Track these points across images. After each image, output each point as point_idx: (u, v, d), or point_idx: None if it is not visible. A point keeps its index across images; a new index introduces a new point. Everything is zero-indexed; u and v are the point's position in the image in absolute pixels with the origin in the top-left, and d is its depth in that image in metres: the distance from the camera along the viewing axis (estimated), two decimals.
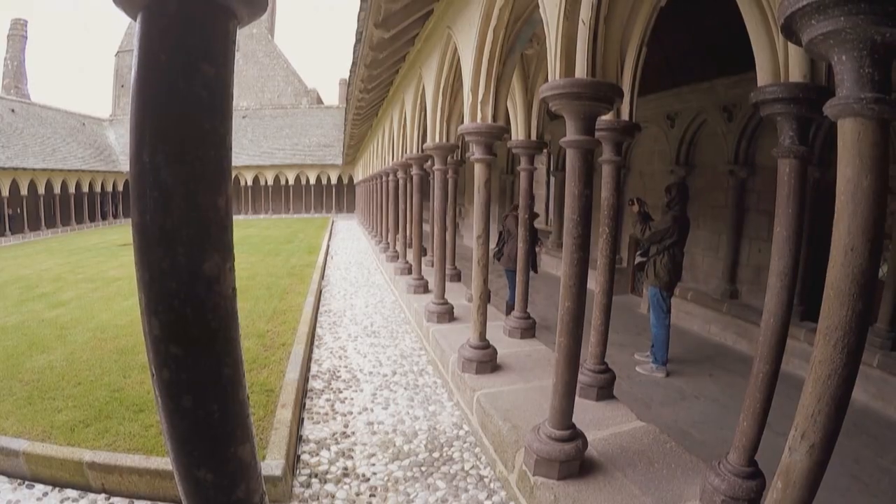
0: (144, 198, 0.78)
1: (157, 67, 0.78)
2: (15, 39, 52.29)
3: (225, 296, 0.87)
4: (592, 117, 3.63)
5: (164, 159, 0.78)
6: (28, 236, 31.66)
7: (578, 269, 3.66)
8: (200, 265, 0.82)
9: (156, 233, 0.79)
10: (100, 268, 17.09)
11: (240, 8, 0.83)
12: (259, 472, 0.98)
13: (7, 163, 30.35)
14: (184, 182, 0.79)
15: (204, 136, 0.81)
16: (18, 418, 5.59)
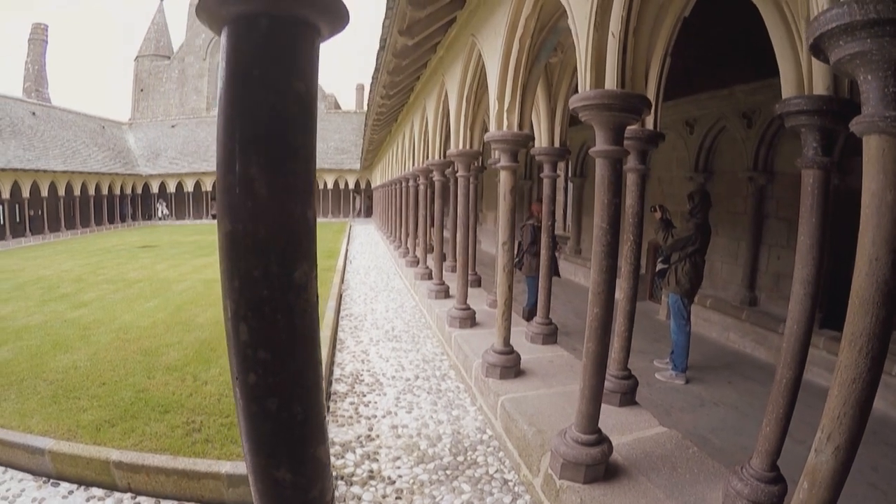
0: (238, 208, 0.81)
1: (251, 82, 0.81)
2: (36, 44, 52.80)
3: (311, 302, 0.89)
4: (621, 128, 3.69)
5: (258, 172, 0.81)
6: (48, 237, 32.01)
7: (607, 276, 3.70)
8: (291, 273, 0.85)
9: (249, 242, 0.82)
10: (120, 269, 17.24)
11: (324, 25, 0.86)
12: (331, 472, 1.02)
13: (28, 164, 30.69)
14: (277, 194, 0.82)
15: (296, 150, 0.85)
16: (43, 417, 5.65)
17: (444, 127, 9.99)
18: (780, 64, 3.33)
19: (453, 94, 7.68)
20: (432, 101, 9.96)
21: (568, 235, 15.72)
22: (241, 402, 0.88)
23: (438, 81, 9.07)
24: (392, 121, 18.14)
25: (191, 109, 53.56)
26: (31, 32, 52.70)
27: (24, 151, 31.59)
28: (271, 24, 0.80)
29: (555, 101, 6.75)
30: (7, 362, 7.55)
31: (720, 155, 10.28)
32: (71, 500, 4.53)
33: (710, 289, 10.04)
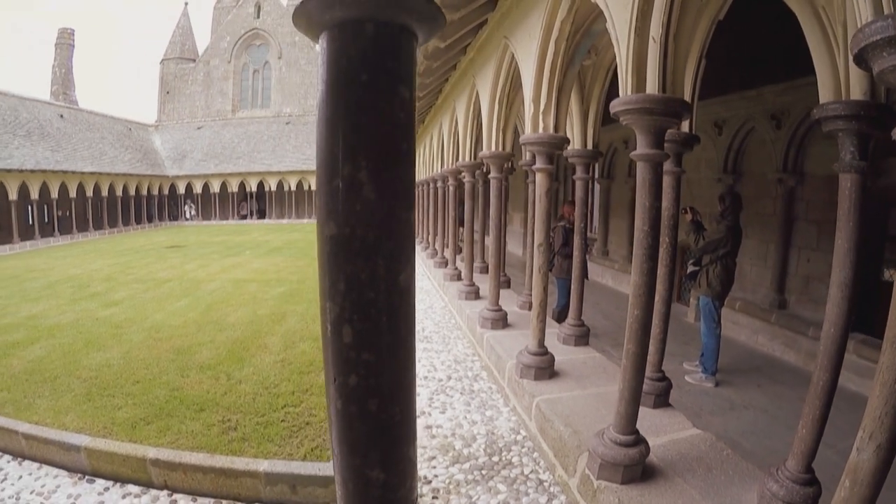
0: (345, 212, 0.82)
1: (359, 87, 0.82)
2: (62, 48, 53.53)
3: (412, 305, 0.90)
4: (662, 132, 3.70)
5: (367, 176, 0.82)
6: (76, 237, 32.43)
7: (648, 278, 3.70)
8: (397, 276, 0.86)
9: (357, 245, 0.83)
10: (149, 269, 17.44)
11: (421, 30, 0.87)
12: (417, 470, 1.03)
13: (56, 166, 31.11)
14: (386, 198, 0.83)
15: (402, 155, 0.86)
16: (78, 414, 5.74)
17: (474, 128, 9.98)
18: (817, 68, 3.34)
19: (485, 95, 7.70)
20: (462, 102, 9.99)
21: (595, 237, 15.66)
22: (339, 404, 0.89)
23: (469, 83, 9.09)
24: (419, 122, 18.17)
25: (216, 111, 53.89)
26: (57, 37, 53.47)
27: (52, 153, 32.02)
28: (378, 29, 0.81)
29: (587, 103, 6.74)
30: (40, 359, 7.68)
31: (749, 156, 10.18)
32: (107, 497, 4.58)
33: (739, 291, 9.94)
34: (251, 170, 44.48)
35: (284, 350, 7.83)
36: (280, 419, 5.46)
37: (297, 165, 44.20)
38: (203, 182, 45.30)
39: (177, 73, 55.74)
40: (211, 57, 55.13)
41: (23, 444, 5.30)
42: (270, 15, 54.12)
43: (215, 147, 47.04)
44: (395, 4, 0.81)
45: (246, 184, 45.01)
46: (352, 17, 0.81)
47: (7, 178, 27.37)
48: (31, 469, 5.10)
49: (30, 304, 12.04)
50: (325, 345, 0.90)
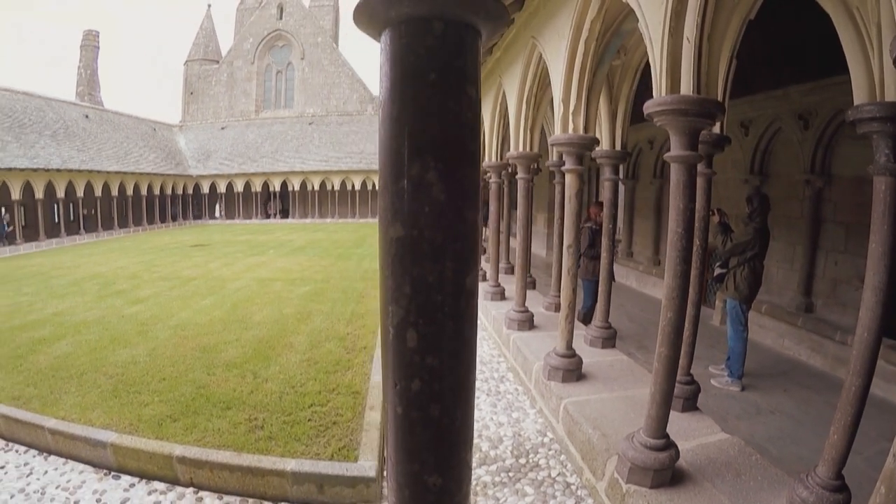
0: (413, 213, 0.81)
1: (428, 86, 0.80)
2: (88, 49, 54.13)
3: (476, 307, 0.89)
4: (697, 133, 3.66)
5: (436, 176, 0.80)
6: (101, 235, 32.77)
7: (682, 281, 3.67)
8: (464, 279, 0.85)
9: (426, 248, 0.82)
10: (174, 267, 17.54)
11: (485, 29, 0.85)
12: (472, 474, 1.03)
13: (82, 165, 31.45)
14: (454, 199, 0.82)
15: (469, 156, 0.84)
16: (104, 410, 5.79)
17: (501, 128, 9.97)
18: (851, 69, 3.29)
19: (512, 95, 7.68)
20: (489, 102, 9.97)
21: (619, 238, 15.57)
22: (400, 409, 0.88)
23: (495, 83, 9.07)
24: None
25: (240, 112, 54.23)
26: (82, 39, 54.05)
27: (77, 153, 32.36)
28: (446, 27, 0.80)
29: (616, 104, 6.70)
30: (67, 356, 7.76)
31: (776, 157, 10.06)
32: (132, 493, 4.62)
33: (766, 294, 9.82)
34: (275, 169, 44.66)
35: (310, 349, 7.83)
36: (307, 418, 5.47)
37: (320, 165, 44.34)
38: (227, 182, 45.59)
39: (200, 74, 56.17)
40: (234, 58, 55.51)
41: (49, 439, 5.37)
42: (293, 16, 54.37)
43: (239, 147, 47.32)
44: (463, 2, 0.80)
45: (269, 183, 45.21)
46: (419, 15, 0.79)
47: (34, 177, 27.69)
48: (56, 464, 5.17)
49: (56, 301, 12.16)
50: (385, 349, 0.89)
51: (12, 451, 5.50)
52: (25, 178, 27.14)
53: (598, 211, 8.77)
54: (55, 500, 4.54)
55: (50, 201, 29.92)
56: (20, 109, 30.99)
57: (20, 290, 13.96)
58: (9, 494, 4.64)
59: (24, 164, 26.95)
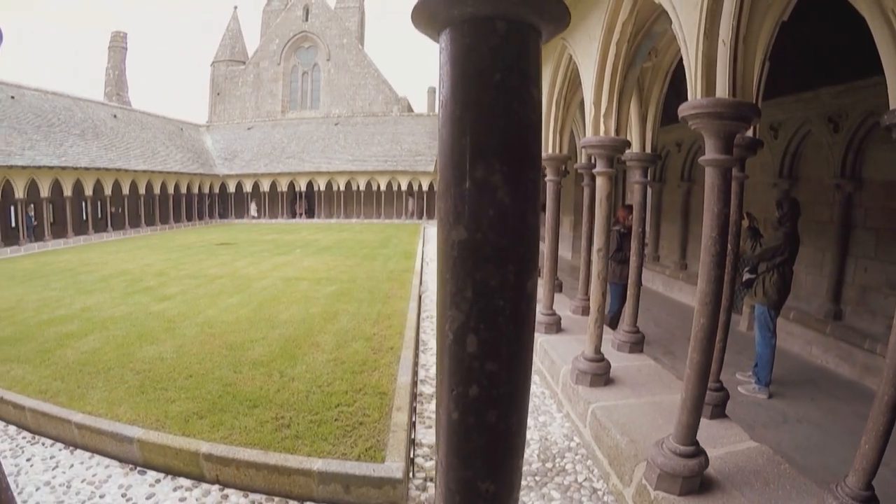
0: (476, 216, 0.80)
1: (492, 87, 0.79)
2: (116, 51, 54.91)
3: (535, 312, 0.87)
4: (732, 136, 3.62)
5: (501, 179, 0.79)
6: (128, 232, 33.16)
7: (715, 286, 3.63)
8: (525, 283, 0.83)
9: (489, 251, 0.80)
10: (201, 265, 17.66)
11: (547, 29, 0.84)
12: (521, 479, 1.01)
13: (110, 164, 31.80)
14: (518, 202, 0.80)
15: (532, 158, 0.83)
16: (131, 406, 5.85)
17: None
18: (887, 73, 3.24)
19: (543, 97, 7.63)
20: None
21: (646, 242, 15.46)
22: (456, 415, 0.87)
23: None
24: None
25: (266, 112, 54.63)
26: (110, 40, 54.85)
27: (106, 151, 32.75)
28: (509, 27, 0.79)
29: (646, 106, 6.65)
30: (94, 351, 7.85)
31: (805, 160, 9.93)
32: (157, 489, 4.67)
33: (794, 300, 9.69)
34: (301, 170, 44.84)
35: (337, 349, 7.83)
36: (333, 418, 5.47)
37: (346, 166, 44.45)
38: (253, 181, 45.88)
39: (227, 75, 56.68)
40: (260, 59, 55.94)
41: (75, 433, 5.44)
42: (319, 18, 54.64)
43: (265, 147, 47.61)
44: (526, 2, 0.79)
45: (295, 183, 45.40)
46: (483, 14, 0.78)
47: (62, 174, 28.04)
48: (82, 458, 5.24)
49: (84, 297, 12.32)
50: (442, 353, 0.87)
51: (39, 444, 5.58)
52: (54, 175, 27.50)
53: (627, 214, 8.71)
54: (80, 494, 4.59)
55: (78, 199, 30.34)
56: (49, 109, 31.41)
57: (48, 285, 14.17)
58: (34, 487, 4.70)
59: (53, 162, 27.29)
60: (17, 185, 25.13)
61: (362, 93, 53.75)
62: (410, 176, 43.80)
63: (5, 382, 6.63)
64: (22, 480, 4.80)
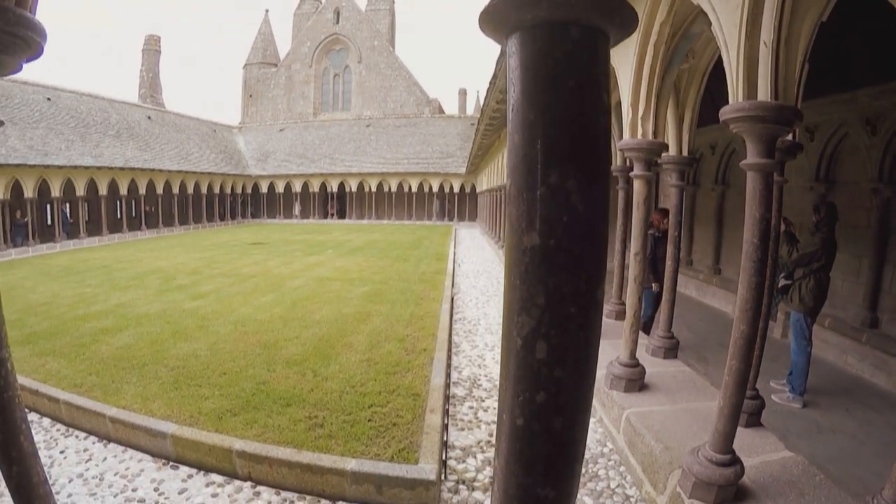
0: (550, 222, 0.79)
1: (565, 93, 0.79)
2: (149, 53, 55.81)
3: (601, 319, 0.87)
4: (773, 140, 3.57)
5: (575, 185, 0.79)
6: (162, 231, 33.76)
7: (756, 293, 3.57)
8: (596, 290, 0.83)
9: (563, 258, 0.80)
10: (234, 264, 17.86)
11: (615, 35, 0.84)
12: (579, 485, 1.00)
13: (144, 164, 32.37)
14: (591, 209, 0.80)
15: (604, 165, 0.83)
16: (165, 401, 5.93)
17: None
18: None
19: None
20: None
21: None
22: (521, 421, 0.86)
23: None
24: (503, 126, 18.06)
25: (298, 114, 55.17)
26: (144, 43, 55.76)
27: (140, 152, 33.33)
28: (582, 32, 0.78)
29: (682, 108, 6.58)
30: (128, 347, 7.99)
31: (842, 164, 9.73)
32: (190, 484, 4.72)
33: (829, 308, 9.49)
34: (332, 171, 45.16)
35: (370, 350, 7.86)
36: (367, 418, 5.49)
37: (377, 167, 44.68)
38: (285, 182, 46.32)
39: (259, 78, 57.33)
40: (292, 61, 56.48)
41: (109, 427, 5.53)
42: (349, 20, 55.02)
43: (297, 148, 48.02)
44: (598, 7, 0.78)
45: (327, 184, 45.75)
46: (556, 19, 0.78)
47: (97, 174, 28.58)
48: (115, 452, 5.32)
49: (119, 294, 12.56)
50: (509, 358, 0.87)
51: (72, 437, 5.68)
52: (90, 175, 28.05)
53: (661, 218, 8.63)
54: (113, 487, 4.66)
55: (113, 198, 30.92)
56: (85, 110, 32.06)
57: (83, 281, 14.47)
58: (67, 479, 4.78)
59: (89, 162, 27.84)
60: (54, 184, 25.67)
61: (393, 94, 54.00)
62: (442, 178, 43.90)
63: (41, 375, 6.76)
64: (55, 472, 4.89)
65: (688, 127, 6.60)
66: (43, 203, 27.78)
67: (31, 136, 25.51)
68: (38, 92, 29.43)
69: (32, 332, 8.95)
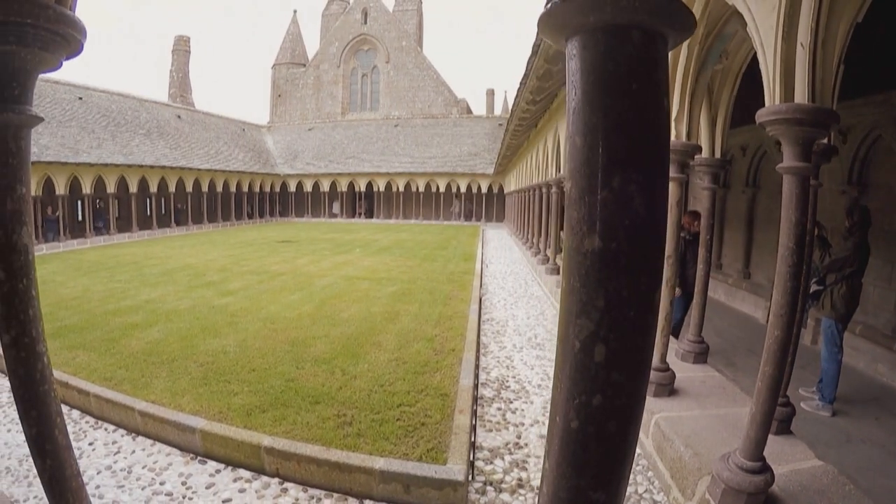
0: (612, 225, 0.79)
1: (628, 97, 0.79)
2: (179, 54, 56.44)
3: (658, 321, 0.88)
4: (810, 143, 3.52)
5: (637, 190, 0.79)
6: (191, 228, 34.23)
7: (791, 298, 3.52)
8: (654, 294, 0.83)
9: (624, 261, 0.80)
10: (262, 262, 17.97)
11: (672, 39, 0.83)
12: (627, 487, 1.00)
13: (174, 163, 32.84)
14: (652, 213, 0.80)
15: (665, 169, 0.83)
16: (194, 396, 5.99)
17: None
18: None
19: None
20: None
21: None
22: (576, 424, 0.86)
23: None
24: (532, 126, 18.09)
25: (326, 114, 55.57)
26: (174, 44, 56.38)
27: (170, 151, 33.84)
28: (644, 37, 0.78)
29: (715, 110, 6.49)
30: (158, 342, 8.08)
31: (875, 166, 9.53)
32: (217, 479, 4.75)
33: (860, 314, 9.29)
34: (360, 170, 45.37)
35: (398, 349, 7.85)
36: (395, 418, 5.49)
37: (405, 167, 44.80)
38: (313, 181, 46.67)
39: (288, 78, 57.83)
40: (320, 62, 56.86)
41: (138, 420, 5.60)
42: (377, 21, 55.26)
43: (325, 148, 48.34)
44: (661, 11, 0.78)
45: (355, 184, 46.00)
46: (619, 23, 0.78)
47: (128, 172, 29.06)
48: (144, 445, 5.38)
49: (148, 289, 12.72)
50: (565, 361, 0.87)
51: (101, 430, 5.75)
52: (120, 172, 28.53)
53: (692, 220, 8.53)
54: (141, 480, 4.71)
55: (143, 195, 31.39)
56: (116, 109, 32.60)
57: (114, 277, 14.71)
58: (95, 471, 4.84)
59: (120, 160, 28.32)
60: (85, 181, 26.15)
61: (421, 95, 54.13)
62: (469, 178, 43.90)
63: (71, 368, 6.87)
64: (84, 463, 4.94)
65: (721, 128, 6.51)
66: (74, 199, 28.24)
67: (62, 135, 25.98)
68: (69, 91, 29.98)
69: (63, 325, 9.09)
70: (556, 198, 14.54)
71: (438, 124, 48.71)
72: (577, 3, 0.78)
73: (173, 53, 56.50)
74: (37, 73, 2.12)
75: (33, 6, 1.85)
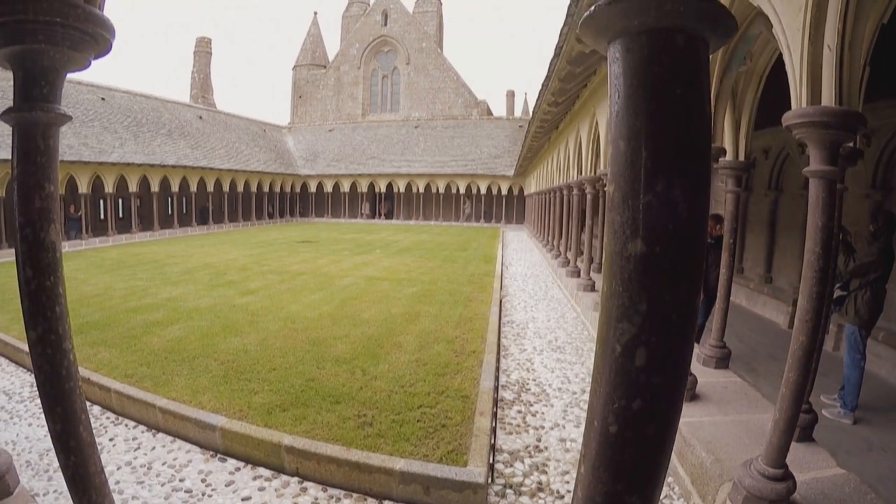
0: (655, 230, 0.79)
1: (672, 101, 0.79)
2: (201, 55, 56.89)
3: (697, 326, 0.88)
4: (837, 146, 3.48)
5: (682, 194, 0.79)
6: (212, 228, 34.51)
7: (817, 303, 3.48)
8: (695, 298, 0.83)
9: (667, 266, 0.80)
10: (282, 262, 18.05)
11: (714, 43, 0.83)
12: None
13: (196, 163, 33.11)
14: (695, 218, 0.80)
15: (707, 174, 0.83)
16: (214, 394, 6.04)
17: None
18: None
19: None
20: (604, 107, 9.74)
21: None
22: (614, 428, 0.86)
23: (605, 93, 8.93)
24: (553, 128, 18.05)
25: (346, 115, 55.78)
26: (195, 45, 56.85)
27: (191, 151, 34.11)
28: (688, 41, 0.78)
29: (739, 112, 6.41)
30: (179, 340, 8.16)
31: None
32: (237, 477, 4.78)
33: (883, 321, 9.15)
34: (380, 171, 45.48)
35: (419, 350, 7.86)
36: (416, 419, 5.49)
37: (425, 168, 44.82)
38: (333, 182, 46.85)
39: (308, 79, 58.10)
40: (341, 63, 57.07)
41: (159, 417, 5.66)
42: (397, 22, 55.39)
43: (346, 149, 48.47)
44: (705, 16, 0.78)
45: (375, 185, 46.12)
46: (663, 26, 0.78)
47: (150, 172, 29.35)
48: (164, 442, 5.44)
49: (170, 288, 12.84)
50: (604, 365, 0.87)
51: (122, 426, 5.82)
52: (142, 172, 28.82)
53: (713, 224, 8.47)
54: (161, 476, 4.75)
55: (164, 195, 31.66)
56: (138, 110, 32.89)
57: (135, 275, 14.86)
58: (115, 466, 4.90)
59: (142, 159, 28.60)
60: (107, 180, 26.45)
61: (441, 96, 54.14)
62: (490, 179, 43.80)
63: (93, 365, 6.95)
64: (104, 458, 4.93)
65: (744, 131, 6.44)
66: (96, 198, 28.51)
67: (85, 134, 26.25)
68: (92, 91, 30.28)
69: (85, 322, 9.20)
70: (577, 200, 14.49)
71: (459, 126, 48.64)
72: (622, 6, 0.78)
73: (195, 55, 56.95)
74: (65, 72, 2.14)
75: (63, 5, 1.86)
